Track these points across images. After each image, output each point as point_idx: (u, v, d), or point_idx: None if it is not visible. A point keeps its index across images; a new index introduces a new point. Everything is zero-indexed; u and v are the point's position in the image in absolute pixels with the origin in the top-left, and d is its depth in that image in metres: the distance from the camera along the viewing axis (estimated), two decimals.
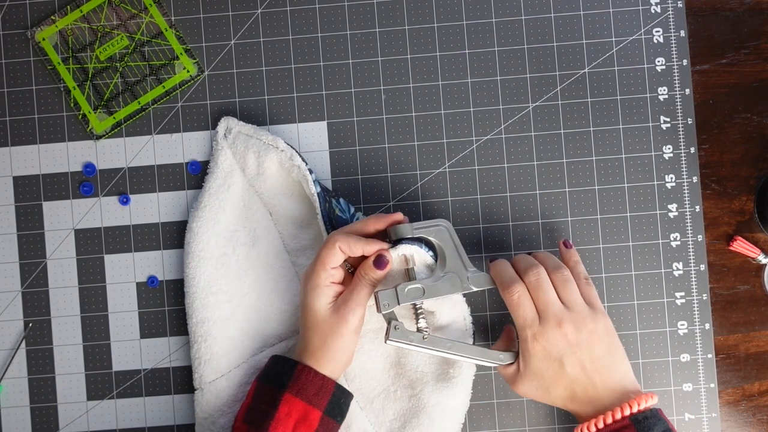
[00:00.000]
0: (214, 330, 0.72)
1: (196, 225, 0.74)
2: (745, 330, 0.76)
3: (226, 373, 0.73)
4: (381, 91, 0.76)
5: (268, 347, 0.74)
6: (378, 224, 0.68)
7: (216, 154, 0.74)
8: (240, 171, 0.74)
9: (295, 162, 0.72)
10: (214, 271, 0.73)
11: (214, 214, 0.74)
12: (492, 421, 0.75)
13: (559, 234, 0.75)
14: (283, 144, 0.72)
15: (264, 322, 0.74)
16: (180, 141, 0.76)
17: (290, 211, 0.75)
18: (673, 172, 0.76)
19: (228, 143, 0.74)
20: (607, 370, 0.65)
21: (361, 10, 0.76)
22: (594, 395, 0.65)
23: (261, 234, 0.75)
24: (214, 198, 0.74)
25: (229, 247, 0.74)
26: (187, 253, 0.74)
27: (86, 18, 0.76)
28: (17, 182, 0.76)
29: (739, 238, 0.75)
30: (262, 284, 0.74)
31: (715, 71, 0.76)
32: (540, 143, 0.76)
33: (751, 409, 0.76)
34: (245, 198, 0.74)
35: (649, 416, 0.63)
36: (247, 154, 0.73)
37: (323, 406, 0.66)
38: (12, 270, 0.76)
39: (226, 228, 0.74)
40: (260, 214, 0.75)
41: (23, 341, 0.76)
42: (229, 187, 0.74)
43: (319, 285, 0.66)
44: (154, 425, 0.76)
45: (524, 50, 0.76)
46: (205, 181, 0.74)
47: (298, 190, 0.75)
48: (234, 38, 0.76)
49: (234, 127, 0.74)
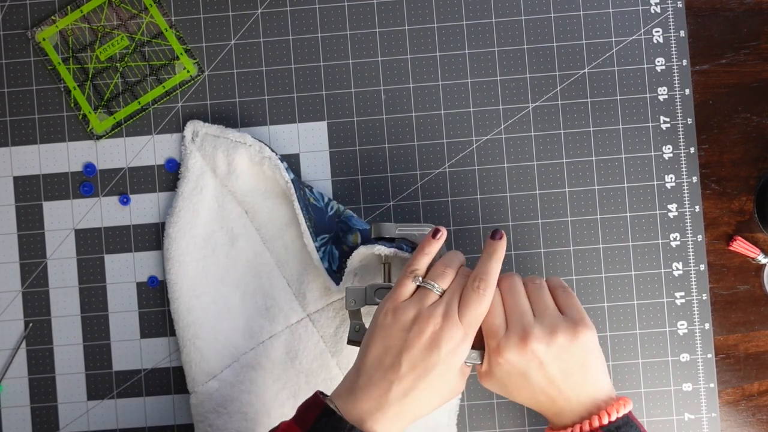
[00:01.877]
0: (202, 332, 0.73)
1: (173, 230, 0.74)
2: (745, 330, 0.76)
3: (218, 374, 0.73)
4: (381, 91, 0.76)
5: (257, 344, 0.74)
6: (433, 245, 0.64)
7: (186, 158, 0.74)
8: (211, 172, 0.74)
9: (264, 154, 0.72)
10: (196, 274, 0.74)
11: (189, 217, 0.74)
12: (492, 421, 0.75)
13: (560, 234, 0.75)
14: (250, 139, 0.73)
15: (251, 320, 0.74)
16: (180, 141, 0.76)
17: (266, 209, 0.74)
18: (672, 172, 0.76)
19: (196, 146, 0.74)
20: (578, 384, 0.61)
21: (361, 10, 0.76)
22: (563, 406, 0.61)
23: (238, 233, 0.75)
24: (188, 202, 0.74)
25: (208, 249, 0.74)
26: (167, 259, 0.74)
27: (86, 18, 0.76)
28: (17, 182, 0.76)
29: (738, 238, 0.75)
30: (245, 283, 0.74)
31: (715, 71, 0.76)
32: (540, 143, 0.76)
33: (751, 409, 0.76)
34: (219, 199, 0.75)
35: (622, 425, 0.59)
36: (216, 155, 0.73)
37: None
38: (12, 270, 0.76)
39: (203, 230, 0.74)
40: (236, 213, 0.75)
41: (23, 341, 0.76)
42: (201, 189, 0.74)
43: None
44: (154, 425, 0.76)
45: (524, 50, 0.76)
46: (178, 186, 0.75)
47: (271, 187, 0.74)
48: (234, 38, 0.76)
49: (201, 129, 0.74)
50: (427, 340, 0.59)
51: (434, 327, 0.59)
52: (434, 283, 0.62)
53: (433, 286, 0.62)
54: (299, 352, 0.74)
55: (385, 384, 0.59)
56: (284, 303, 0.74)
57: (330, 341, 0.74)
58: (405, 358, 0.59)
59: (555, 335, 0.60)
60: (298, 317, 0.74)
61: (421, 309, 0.60)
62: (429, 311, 0.60)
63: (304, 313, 0.74)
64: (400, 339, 0.60)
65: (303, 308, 0.74)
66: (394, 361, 0.59)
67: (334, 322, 0.74)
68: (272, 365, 0.74)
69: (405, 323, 0.60)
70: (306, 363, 0.74)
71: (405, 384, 0.59)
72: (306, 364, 0.74)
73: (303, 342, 0.74)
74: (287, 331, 0.74)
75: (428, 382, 0.59)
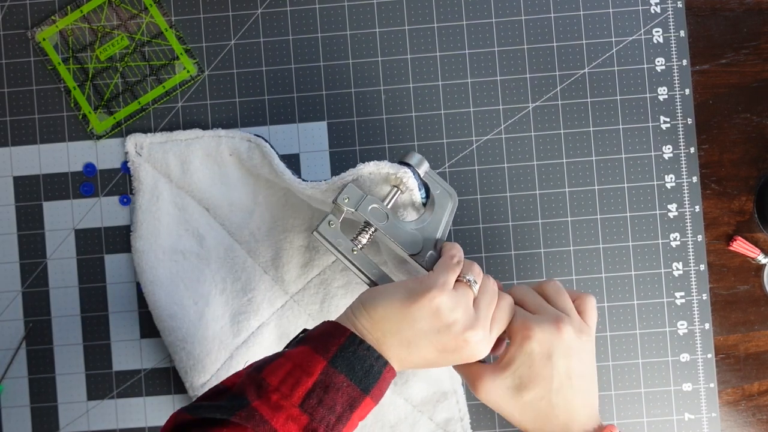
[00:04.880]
0: (189, 336, 0.73)
1: (139, 244, 0.74)
2: (745, 330, 0.76)
3: (214, 373, 0.73)
4: (381, 91, 0.76)
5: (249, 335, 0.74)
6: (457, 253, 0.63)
7: (136, 172, 0.75)
8: (164, 178, 0.74)
9: (219, 134, 0.73)
10: (171, 282, 0.74)
11: (152, 228, 0.74)
12: (492, 421, 0.75)
13: (560, 234, 0.75)
14: (200, 131, 0.74)
15: (236, 313, 0.74)
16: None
17: (225, 202, 0.74)
18: (672, 172, 0.76)
19: (144, 158, 0.75)
20: (580, 392, 0.60)
21: (361, 10, 0.76)
22: (567, 420, 0.60)
23: (204, 232, 0.75)
24: (148, 213, 0.74)
25: (178, 255, 0.74)
26: (140, 273, 0.74)
27: (86, 18, 0.76)
28: (17, 182, 0.76)
29: (738, 238, 0.75)
30: (222, 278, 0.74)
31: (715, 71, 0.76)
32: (540, 143, 0.76)
33: (751, 409, 0.76)
34: (178, 203, 0.75)
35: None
36: (168, 159, 0.74)
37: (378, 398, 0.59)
38: (12, 270, 0.76)
39: (168, 237, 0.74)
40: (197, 213, 0.75)
41: (23, 341, 0.76)
42: (158, 198, 0.74)
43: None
44: (154, 425, 0.76)
45: (524, 50, 0.76)
46: (134, 202, 0.75)
47: (231, 173, 0.74)
48: (234, 38, 0.76)
49: (144, 140, 0.75)
50: (459, 334, 0.58)
51: (471, 328, 0.58)
52: (474, 279, 0.60)
53: (473, 283, 0.60)
54: (291, 335, 0.74)
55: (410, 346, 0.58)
56: (265, 290, 0.74)
57: (318, 317, 0.74)
58: (433, 341, 0.58)
59: (582, 331, 0.61)
60: (282, 301, 0.74)
61: (466, 307, 0.59)
62: (471, 313, 0.59)
63: (287, 295, 0.74)
64: (435, 326, 0.58)
65: (285, 291, 0.74)
66: (427, 338, 0.58)
67: (317, 297, 0.74)
68: (267, 352, 0.74)
69: (447, 318, 0.58)
70: None
71: (420, 350, 0.58)
72: None
73: (292, 323, 0.74)
74: (275, 316, 0.74)
75: (434, 361, 0.59)
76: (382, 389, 0.58)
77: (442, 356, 0.59)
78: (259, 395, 0.54)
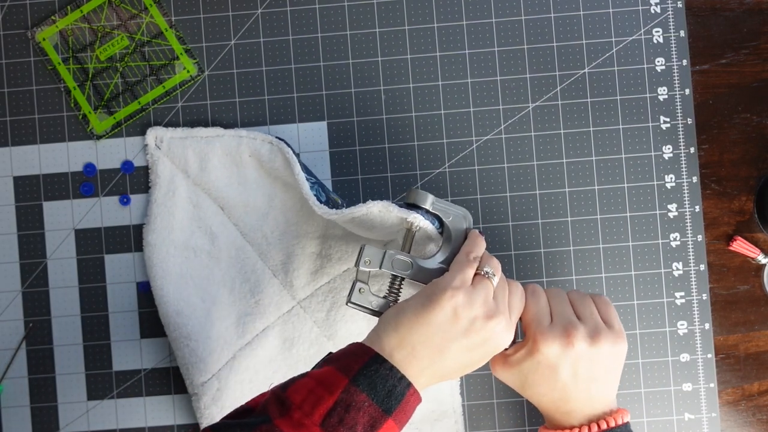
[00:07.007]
0: (194, 333, 0.73)
1: (152, 238, 0.74)
2: (745, 330, 0.76)
3: (216, 372, 0.73)
4: (381, 91, 0.76)
5: (253, 337, 0.74)
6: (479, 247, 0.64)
7: (154, 165, 0.75)
8: (182, 174, 0.74)
9: (240, 134, 0.73)
10: (180, 277, 0.74)
11: (166, 222, 0.74)
12: (492, 421, 0.75)
13: (560, 234, 0.75)
14: (222, 130, 0.74)
15: (242, 314, 0.74)
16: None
17: (241, 203, 0.74)
18: (672, 172, 0.76)
19: (163, 152, 0.74)
20: (596, 389, 0.63)
21: (361, 10, 0.76)
22: (574, 407, 0.64)
23: (217, 231, 0.75)
24: (163, 207, 0.74)
25: (190, 251, 0.74)
26: (150, 267, 0.74)
27: (86, 18, 0.76)
28: (17, 182, 0.76)
29: (738, 238, 0.75)
30: (231, 278, 0.74)
31: (715, 71, 0.76)
32: (540, 143, 0.76)
33: (751, 409, 0.76)
34: (193, 199, 0.75)
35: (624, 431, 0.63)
36: (187, 155, 0.74)
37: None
38: (12, 270, 0.76)
39: (181, 233, 0.74)
40: (212, 211, 0.75)
41: (23, 341, 0.76)
42: (174, 193, 0.74)
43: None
44: (154, 425, 0.76)
45: (524, 50, 0.76)
46: (150, 194, 0.75)
47: (249, 174, 0.74)
48: (234, 38, 0.76)
49: (165, 134, 0.75)
50: (483, 327, 0.59)
51: (492, 318, 0.59)
52: (492, 272, 0.61)
53: (491, 275, 0.61)
54: (295, 340, 0.74)
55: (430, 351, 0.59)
56: (273, 293, 0.74)
57: (323, 325, 0.74)
58: (461, 341, 0.59)
59: (598, 339, 0.62)
60: (289, 306, 0.74)
61: (485, 299, 0.60)
62: (490, 304, 0.60)
63: (294, 301, 0.74)
64: (458, 325, 0.59)
65: (292, 296, 0.74)
66: (450, 337, 0.59)
67: (324, 306, 0.74)
68: (270, 356, 0.74)
69: (468, 315, 0.59)
70: (303, 350, 0.74)
71: (452, 354, 0.59)
72: (303, 351, 0.74)
73: (297, 330, 0.74)
74: (280, 320, 0.74)
75: (468, 362, 0.60)
76: (407, 413, 0.57)
77: (472, 355, 0.60)
78: (281, 413, 0.55)
